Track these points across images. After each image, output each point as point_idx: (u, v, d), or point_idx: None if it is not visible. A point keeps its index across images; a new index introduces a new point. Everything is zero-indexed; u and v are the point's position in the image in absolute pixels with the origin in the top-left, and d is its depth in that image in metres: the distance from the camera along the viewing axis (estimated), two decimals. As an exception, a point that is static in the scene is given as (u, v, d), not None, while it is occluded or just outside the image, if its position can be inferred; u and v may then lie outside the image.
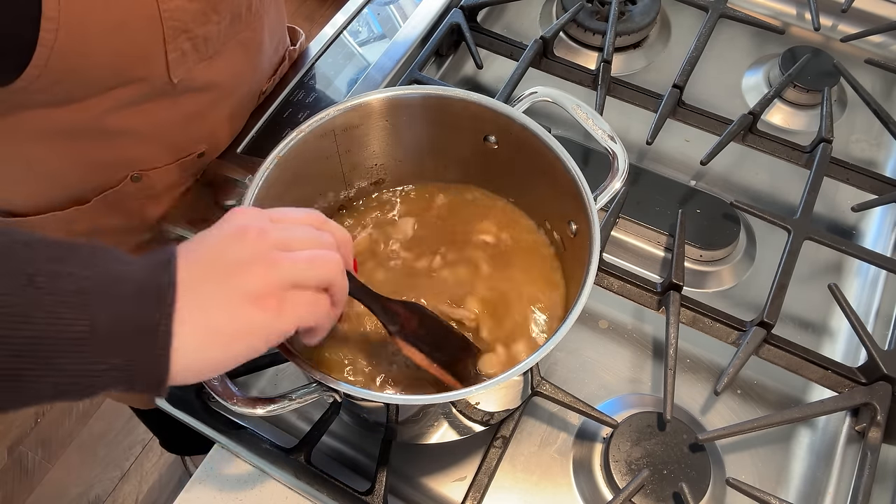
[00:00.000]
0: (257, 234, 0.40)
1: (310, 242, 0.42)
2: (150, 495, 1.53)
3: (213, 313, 0.38)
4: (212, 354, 0.38)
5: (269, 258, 0.40)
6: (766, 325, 0.62)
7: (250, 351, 0.40)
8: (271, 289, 0.39)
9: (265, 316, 0.39)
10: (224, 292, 0.38)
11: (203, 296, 0.38)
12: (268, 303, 0.39)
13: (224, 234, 0.40)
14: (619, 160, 0.56)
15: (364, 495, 0.56)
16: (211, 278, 0.38)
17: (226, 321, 0.38)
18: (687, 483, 0.56)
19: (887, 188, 0.74)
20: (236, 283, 0.39)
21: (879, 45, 0.90)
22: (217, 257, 0.39)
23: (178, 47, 0.57)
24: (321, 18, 2.28)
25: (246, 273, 0.39)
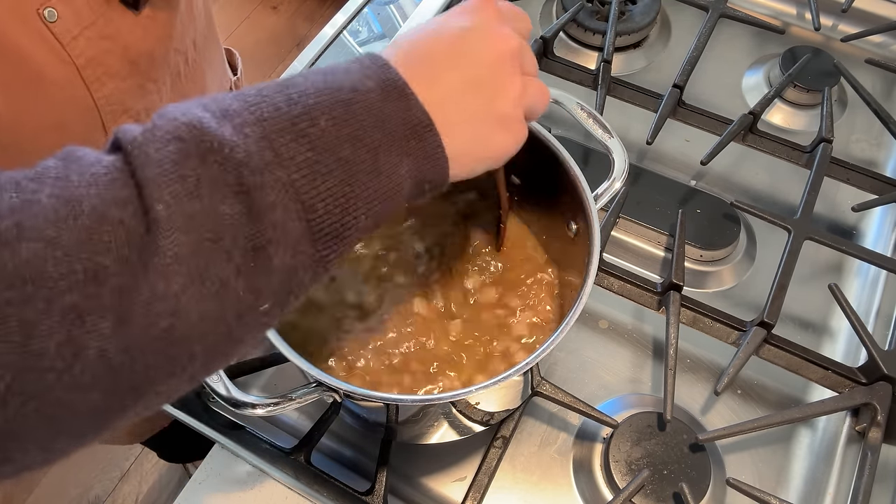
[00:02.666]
0: (517, 52, 0.39)
1: (535, 66, 0.42)
2: (149, 495, 1.53)
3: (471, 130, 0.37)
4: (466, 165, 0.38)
5: (521, 84, 0.39)
6: (766, 325, 0.62)
7: (490, 166, 0.40)
8: (518, 114, 0.39)
9: (513, 140, 0.40)
10: (482, 109, 0.37)
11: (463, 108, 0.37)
12: (514, 127, 0.39)
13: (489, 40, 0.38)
14: (619, 160, 0.56)
15: (364, 495, 0.56)
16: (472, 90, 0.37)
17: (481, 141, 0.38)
18: (687, 483, 0.56)
19: (887, 188, 0.74)
20: (494, 105, 0.38)
21: (880, 45, 0.90)
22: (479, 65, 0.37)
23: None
24: (321, 18, 2.28)
25: (504, 94, 0.38)
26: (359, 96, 0.33)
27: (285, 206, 0.30)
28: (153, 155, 0.28)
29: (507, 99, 0.38)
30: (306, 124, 0.31)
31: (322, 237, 0.32)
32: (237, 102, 0.31)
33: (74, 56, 0.49)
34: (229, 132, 0.30)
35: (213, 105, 0.31)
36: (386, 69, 0.35)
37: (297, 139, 0.31)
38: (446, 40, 0.37)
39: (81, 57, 0.49)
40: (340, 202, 0.32)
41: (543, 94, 0.41)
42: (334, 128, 0.32)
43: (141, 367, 0.28)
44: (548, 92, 0.42)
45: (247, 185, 0.29)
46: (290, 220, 0.30)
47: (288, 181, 0.30)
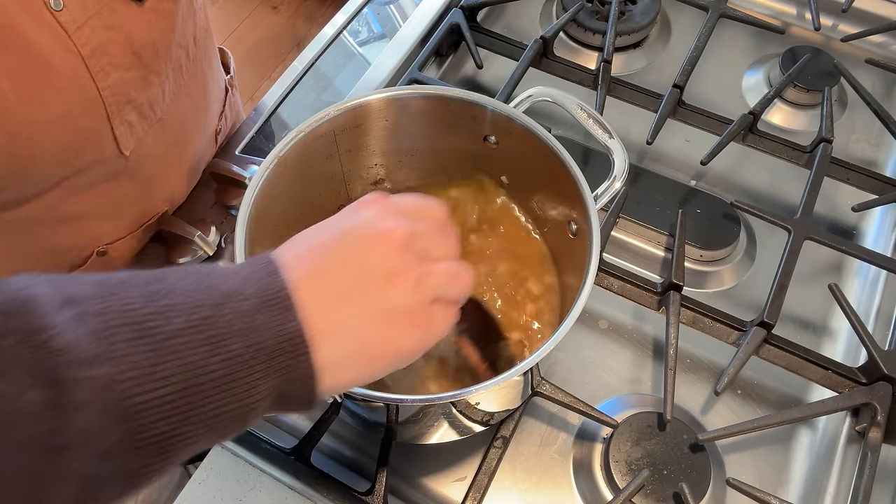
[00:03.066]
0: (405, 240, 0.36)
1: (446, 250, 0.39)
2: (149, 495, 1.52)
3: (359, 331, 0.34)
4: (359, 371, 0.35)
5: (417, 270, 0.36)
6: (766, 325, 0.62)
7: (395, 366, 0.36)
8: (421, 304, 0.36)
9: (415, 333, 0.36)
10: (371, 308, 0.34)
11: (346, 310, 0.34)
12: (417, 319, 0.36)
13: (367, 237, 0.36)
14: (619, 160, 0.56)
15: (364, 495, 0.56)
16: (354, 290, 0.34)
17: (375, 342, 0.35)
18: (687, 483, 0.56)
19: (887, 188, 0.74)
20: (385, 297, 0.35)
21: (880, 45, 0.90)
22: (359, 264, 0.35)
23: (124, 120, 0.55)
24: (321, 18, 2.28)
25: (395, 286, 0.35)
26: (230, 301, 0.31)
27: (100, 410, 0.27)
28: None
29: (397, 293, 0.35)
30: (157, 323, 0.29)
31: (140, 449, 0.28)
32: (92, 288, 0.29)
33: (80, 45, 0.49)
34: (64, 317, 0.27)
35: (66, 286, 0.29)
36: (273, 277, 0.32)
37: (140, 337, 0.28)
38: (331, 243, 0.35)
39: (86, 46, 0.50)
40: (175, 413, 0.29)
41: (455, 276, 0.38)
42: (189, 330, 0.29)
43: None
44: (463, 272, 0.38)
45: (59, 377, 0.26)
46: (104, 425, 0.27)
47: (110, 381, 0.27)
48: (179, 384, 0.29)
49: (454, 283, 0.38)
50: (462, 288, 0.39)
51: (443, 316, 0.38)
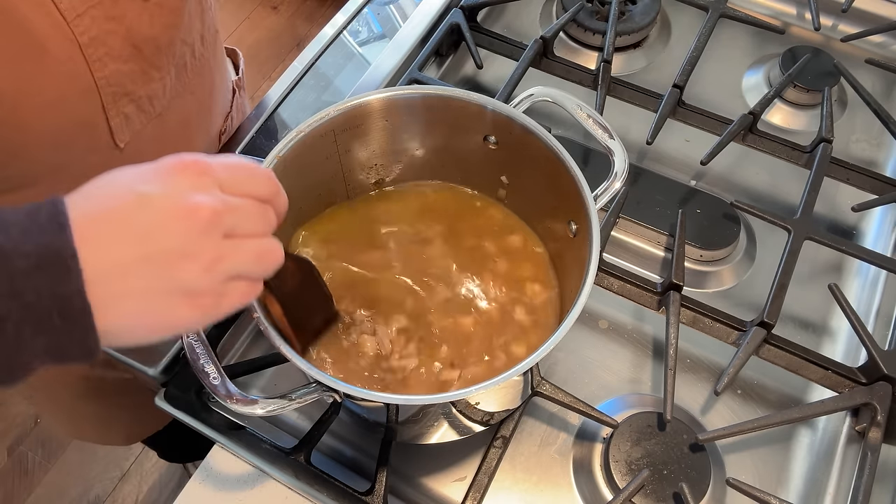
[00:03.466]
0: (209, 218, 0.34)
1: (259, 226, 0.38)
2: (149, 495, 1.53)
3: (139, 305, 0.34)
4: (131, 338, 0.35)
5: (216, 252, 0.35)
6: (766, 325, 0.62)
7: (170, 336, 0.36)
8: (211, 285, 0.35)
9: (196, 314, 0.36)
10: (156, 285, 0.34)
11: (130, 284, 0.33)
12: (204, 301, 0.35)
13: (168, 209, 0.34)
14: (619, 160, 0.56)
15: (364, 495, 0.56)
16: (142, 266, 0.33)
17: (153, 316, 0.34)
18: (687, 483, 0.56)
19: (887, 188, 0.74)
20: (173, 277, 0.34)
21: (880, 45, 0.90)
22: (156, 239, 0.33)
23: (120, 112, 0.54)
24: (321, 18, 2.28)
25: (186, 266, 0.34)
26: (3, 259, 0.30)
27: None
28: None
29: (191, 272, 0.34)
30: None
31: None
32: None
33: (78, 33, 0.49)
34: None
35: None
36: (58, 233, 0.31)
37: None
38: (128, 209, 0.34)
39: (85, 35, 0.49)
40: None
41: (260, 255, 0.38)
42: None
43: None
44: (270, 250, 0.38)
45: None
46: None
47: None
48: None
49: (258, 262, 0.38)
50: (266, 266, 0.39)
51: (237, 293, 0.37)
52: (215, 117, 0.71)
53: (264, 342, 0.66)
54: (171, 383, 0.60)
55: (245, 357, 0.65)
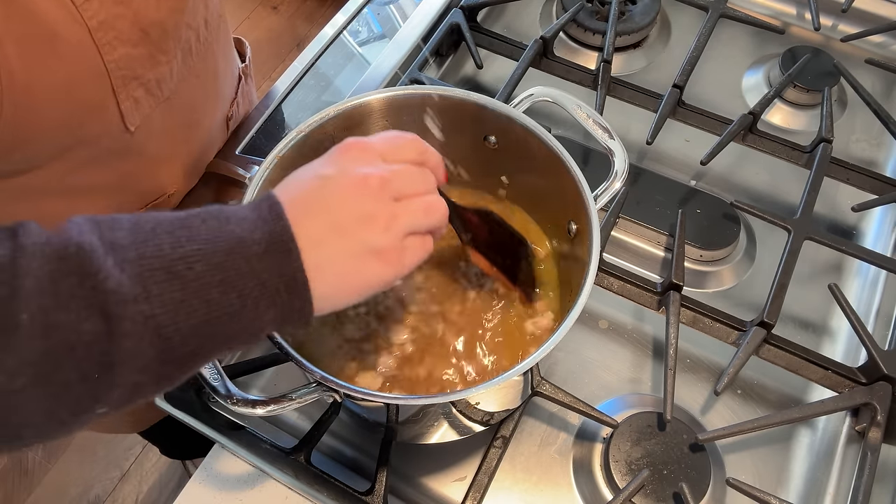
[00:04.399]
0: (379, 185, 0.41)
1: (421, 186, 0.43)
2: (149, 495, 1.53)
3: (340, 268, 0.39)
4: (341, 299, 0.41)
5: (391, 212, 0.41)
6: (766, 325, 0.62)
7: (372, 293, 0.42)
8: (393, 241, 0.41)
9: (387, 268, 0.41)
10: (349, 248, 0.40)
11: (329, 251, 0.39)
12: (390, 256, 0.41)
13: (345, 185, 0.40)
14: (619, 160, 0.56)
15: (364, 495, 0.56)
16: (334, 234, 0.39)
17: (353, 276, 0.40)
18: (687, 483, 0.56)
19: (887, 188, 0.74)
20: (361, 239, 0.40)
21: (879, 45, 0.90)
22: (339, 210, 0.40)
23: (130, 95, 0.55)
24: (321, 18, 2.28)
25: (369, 228, 0.40)
26: (242, 247, 0.37)
27: (140, 337, 0.34)
28: (34, 269, 0.33)
29: (374, 232, 0.40)
30: (183, 267, 0.35)
31: (171, 361, 0.36)
32: (129, 237, 0.35)
33: (87, 17, 0.50)
34: (110, 263, 0.34)
35: (106, 233, 0.35)
36: (277, 221, 0.38)
37: (170, 280, 0.35)
38: (315, 190, 0.40)
39: (94, 19, 0.50)
40: (197, 338, 0.36)
41: (427, 210, 0.43)
42: (209, 273, 0.36)
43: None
44: (434, 204, 0.43)
45: (111, 312, 0.33)
46: (143, 347, 0.34)
47: (150, 314, 0.34)
48: (202, 316, 0.35)
49: (427, 216, 0.43)
50: (435, 219, 0.44)
51: (416, 248, 0.43)
52: (221, 102, 0.72)
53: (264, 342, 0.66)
54: (171, 383, 0.60)
55: (245, 357, 0.65)
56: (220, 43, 0.68)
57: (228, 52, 0.73)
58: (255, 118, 0.75)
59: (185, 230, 0.36)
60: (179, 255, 0.35)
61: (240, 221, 0.38)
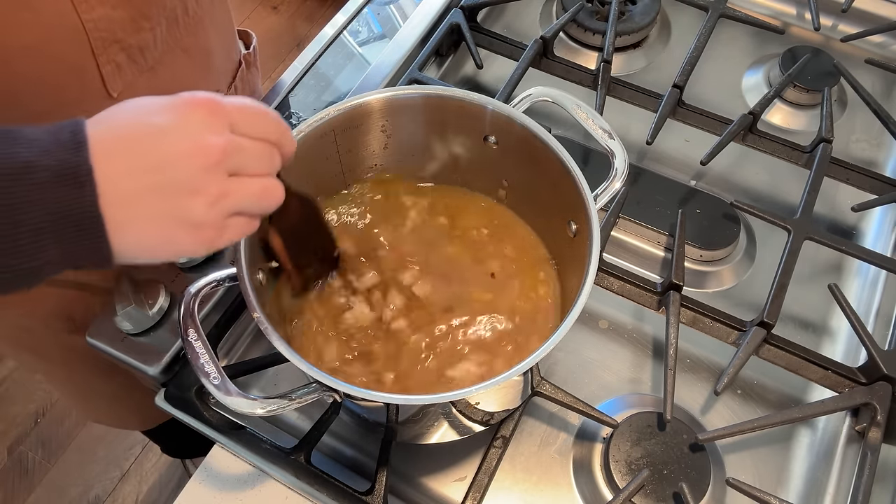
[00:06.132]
0: (218, 157, 0.37)
1: (262, 167, 0.40)
2: (149, 495, 1.53)
3: (147, 231, 0.37)
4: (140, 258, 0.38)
5: (222, 188, 0.38)
6: (766, 325, 0.62)
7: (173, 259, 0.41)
8: (214, 219, 0.38)
9: (199, 244, 0.39)
10: (163, 213, 0.37)
11: (140, 210, 0.36)
12: (206, 233, 0.38)
13: (181, 145, 0.37)
14: (619, 160, 0.56)
15: (364, 495, 0.56)
16: (151, 194, 0.36)
17: (158, 241, 0.38)
18: (687, 483, 0.56)
19: (887, 188, 0.74)
20: (180, 207, 0.37)
21: (879, 45, 0.90)
22: (166, 171, 0.36)
23: (111, 59, 0.55)
24: (321, 18, 2.28)
25: (194, 199, 0.37)
26: (25, 172, 0.33)
27: None
28: None
29: (196, 205, 0.37)
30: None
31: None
32: None
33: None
34: None
35: None
36: (77, 151, 0.35)
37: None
38: (145, 139, 0.37)
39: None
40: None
41: (262, 194, 0.40)
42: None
43: None
44: (271, 190, 0.41)
45: None
46: None
47: None
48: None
49: (259, 200, 0.41)
50: (266, 205, 0.42)
51: (237, 228, 0.40)
52: (214, 83, 0.71)
53: (264, 342, 0.66)
54: (171, 383, 0.60)
55: (245, 357, 0.65)
56: (215, 22, 0.68)
57: (225, 33, 0.72)
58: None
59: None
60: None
61: (30, 143, 0.34)
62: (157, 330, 0.61)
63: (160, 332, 0.61)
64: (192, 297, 0.48)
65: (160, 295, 0.61)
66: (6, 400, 1.61)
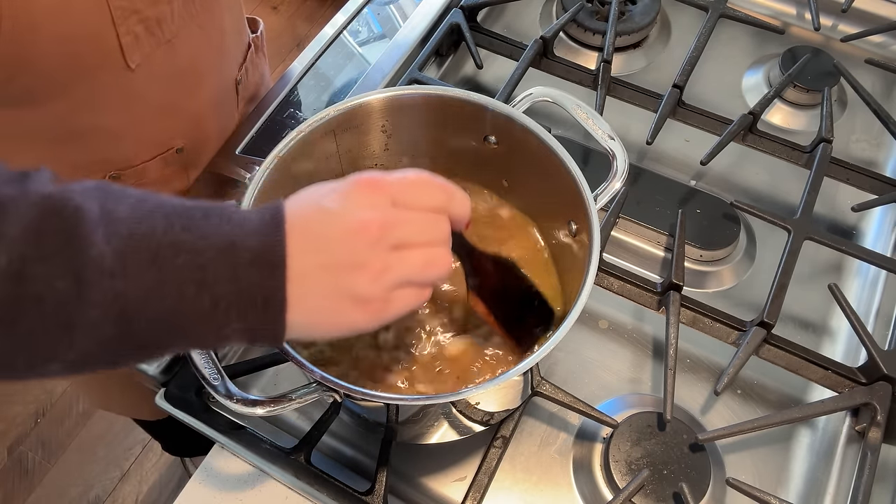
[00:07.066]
0: (378, 233, 0.39)
1: (426, 236, 0.41)
2: (149, 495, 1.53)
3: (319, 304, 0.38)
4: (314, 333, 0.40)
5: (384, 263, 0.39)
6: (766, 325, 0.62)
7: (349, 335, 0.41)
8: (380, 292, 0.39)
9: (367, 317, 0.40)
10: (332, 289, 0.39)
11: (312, 286, 0.38)
12: (372, 307, 0.40)
13: (344, 226, 0.39)
14: (619, 160, 0.56)
15: (364, 495, 0.56)
16: (322, 272, 0.38)
17: (329, 316, 0.39)
18: (687, 483, 0.56)
19: (887, 188, 0.74)
20: (346, 283, 0.39)
21: (879, 45, 0.90)
22: (332, 250, 0.38)
23: (130, 30, 0.56)
24: (321, 18, 2.28)
25: (358, 275, 0.39)
26: (231, 251, 0.36)
27: (106, 310, 0.34)
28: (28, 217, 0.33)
29: (361, 281, 0.39)
30: (168, 254, 0.35)
31: (129, 343, 0.36)
32: (128, 211, 0.35)
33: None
34: (101, 233, 0.34)
35: (109, 203, 0.35)
36: (275, 234, 0.37)
37: (150, 263, 0.34)
38: (318, 220, 0.39)
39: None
40: (160, 328, 0.35)
41: (428, 264, 0.41)
42: (190, 268, 0.35)
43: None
44: (439, 259, 0.41)
45: (85, 278, 0.33)
46: (106, 321, 0.34)
47: (120, 292, 0.34)
48: (170, 308, 0.35)
49: (423, 270, 0.41)
50: (433, 274, 0.42)
51: (405, 299, 0.41)
52: (228, 62, 0.72)
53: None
54: (171, 383, 0.60)
55: (245, 357, 0.65)
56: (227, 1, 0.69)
57: (236, 14, 0.73)
58: (256, 118, 0.75)
59: (182, 219, 0.36)
60: (168, 242, 0.35)
61: (240, 224, 0.37)
62: (157, 330, 0.61)
63: (160, 332, 0.61)
64: (192, 297, 0.48)
65: (160, 295, 0.61)
66: (6, 400, 1.61)
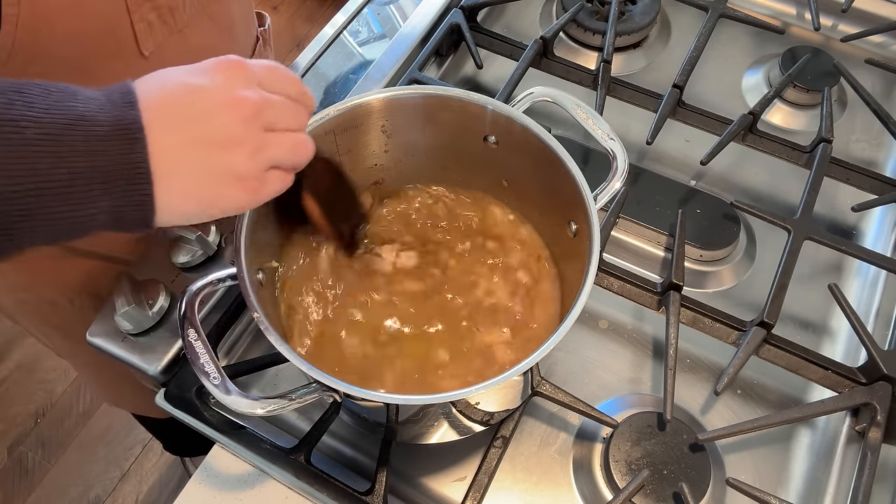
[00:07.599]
0: (253, 110, 0.39)
1: (294, 121, 0.42)
2: (149, 495, 1.53)
3: (193, 183, 0.38)
4: (187, 214, 0.39)
5: (259, 141, 0.40)
6: (766, 325, 0.62)
7: (221, 216, 0.41)
8: (255, 171, 0.40)
9: (244, 195, 0.40)
10: (207, 166, 0.38)
11: (183, 164, 0.37)
12: (249, 184, 0.40)
13: (217, 101, 0.38)
14: (619, 160, 0.56)
15: (364, 495, 0.56)
16: (194, 148, 0.38)
17: (205, 194, 0.39)
18: (687, 483, 0.56)
19: (887, 188, 0.74)
20: (222, 158, 0.38)
21: (879, 45, 0.90)
22: (206, 124, 0.38)
23: (144, 17, 0.56)
24: (321, 18, 2.28)
25: (234, 152, 0.39)
26: (83, 123, 0.35)
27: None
28: None
29: (238, 157, 0.39)
30: (10, 129, 0.33)
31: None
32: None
33: None
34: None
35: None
36: (129, 108, 0.36)
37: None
38: (184, 95, 0.38)
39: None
40: (19, 208, 0.34)
41: (295, 147, 0.42)
42: (40, 141, 0.34)
43: None
44: (303, 144, 0.43)
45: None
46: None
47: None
48: (27, 185, 0.34)
49: (293, 153, 0.42)
50: (300, 158, 0.43)
51: (275, 181, 0.42)
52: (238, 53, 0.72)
53: (264, 342, 0.66)
54: (171, 383, 0.60)
55: (245, 357, 0.65)
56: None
57: (245, 5, 0.74)
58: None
59: (20, 95, 0.35)
60: (12, 117, 0.34)
61: (87, 101, 0.36)
62: (157, 330, 0.61)
63: (160, 332, 0.61)
64: (192, 296, 0.48)
65: (160, 295, 0.61)
66: (6, 400, 1.61)
